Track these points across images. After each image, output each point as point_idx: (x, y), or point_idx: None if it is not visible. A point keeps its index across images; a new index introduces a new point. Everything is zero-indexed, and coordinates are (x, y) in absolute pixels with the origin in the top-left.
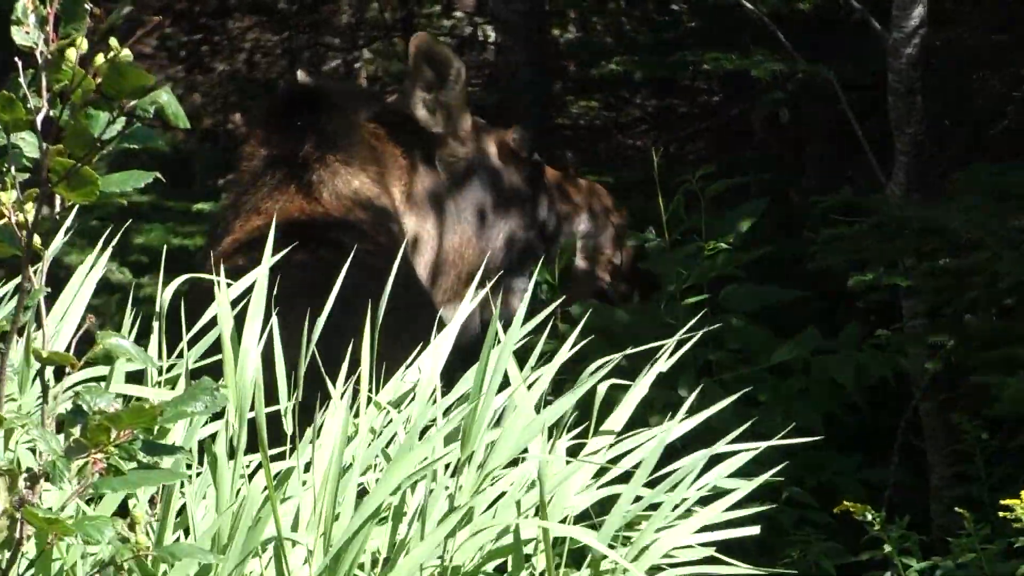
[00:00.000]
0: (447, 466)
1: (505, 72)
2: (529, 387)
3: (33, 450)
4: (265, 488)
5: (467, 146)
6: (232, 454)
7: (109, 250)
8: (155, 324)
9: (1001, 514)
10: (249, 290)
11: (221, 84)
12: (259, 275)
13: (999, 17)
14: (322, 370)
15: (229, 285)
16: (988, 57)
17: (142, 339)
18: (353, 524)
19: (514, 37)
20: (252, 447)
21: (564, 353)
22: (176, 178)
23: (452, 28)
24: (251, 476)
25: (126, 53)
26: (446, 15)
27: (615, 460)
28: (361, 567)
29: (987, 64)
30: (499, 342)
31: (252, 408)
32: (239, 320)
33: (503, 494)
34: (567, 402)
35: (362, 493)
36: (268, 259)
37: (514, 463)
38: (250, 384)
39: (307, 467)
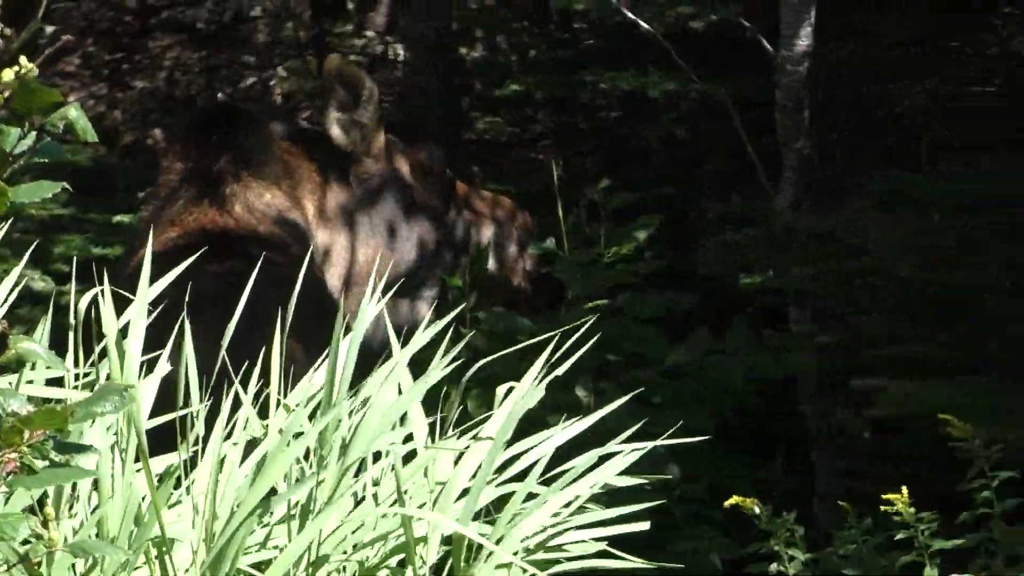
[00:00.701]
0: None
1: (414, 90)
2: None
3: None
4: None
5: (380, 163)
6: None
7: (25, 259)
8: (70, 332)
9: (883, 508)
10: (162, 297)
11: (141, 101)
12: (162, 285)
13: (884, 36)
14: (231, 375)
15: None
16: (875, 74)
17: (62, 345)
18: (232, 523)
19: (423, 56)
20: (168, 448)
21: (439, 362)
22: (97, 191)
23: (363, 47)
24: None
25: (34, 71)
26: (357, 35)
27: (512, 460)
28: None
29: (874, 81)
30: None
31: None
32: (152, 326)
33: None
34: (418, 390)
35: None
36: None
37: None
38: (138, 388)
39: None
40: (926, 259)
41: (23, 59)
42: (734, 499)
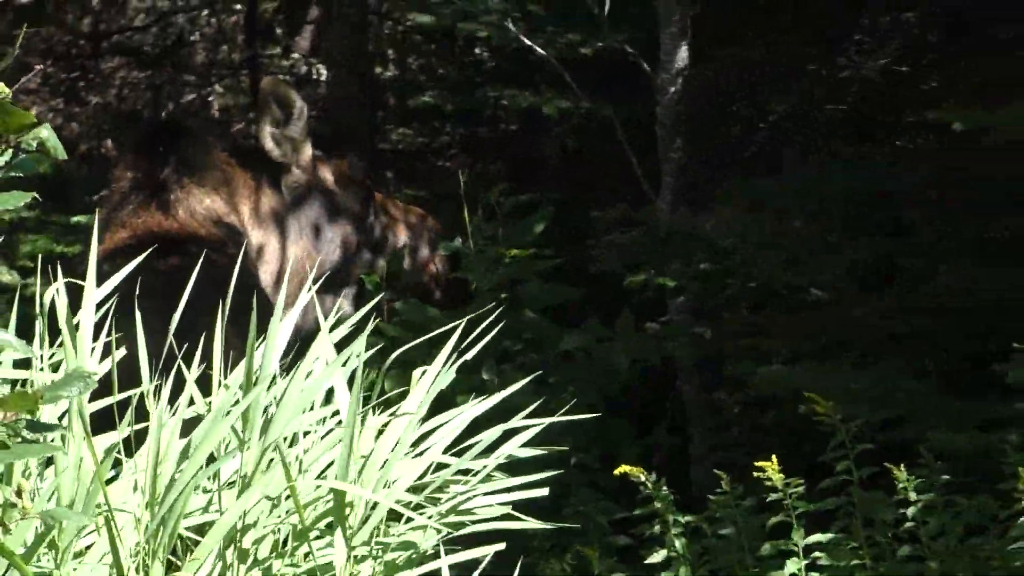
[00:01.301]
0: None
1: (335, 104)
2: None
3: None
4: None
5: (307, 173)
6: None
7: None
8: (36, 321)
9: (755, 475)
10: (114, 291)
11: (95, 115)
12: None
13: (751, 59)
14: (179, 360)
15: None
16: (742, 93)
17: (27, 332)
18: (173, 491)
19: (343, 74)
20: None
21: (359, 345)
22: (57, 196)
23: (290, 67)
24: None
25: (9, 94)
26: (285, 56)
27: (424, 436)
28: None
29: (741, 99)
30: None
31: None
32: (106, 317)
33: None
34: (336, 366)
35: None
36: (95, 266)
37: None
38: (92, 371)
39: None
40: (782, 259)
41: (1, 85)
42: (623, 468)
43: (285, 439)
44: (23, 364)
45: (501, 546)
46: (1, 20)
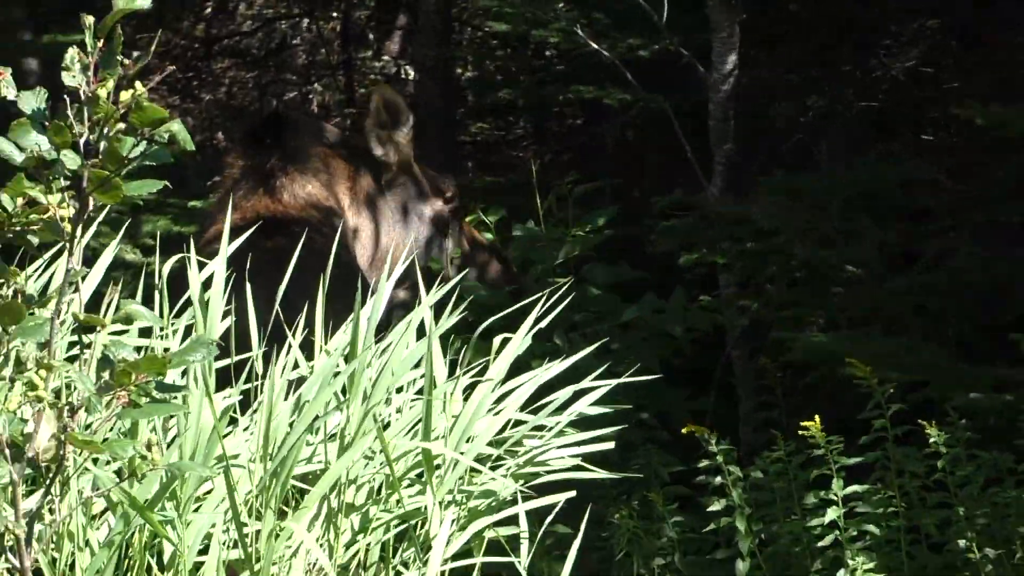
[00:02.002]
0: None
1: (421, 101)
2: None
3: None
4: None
5: (404, 171)
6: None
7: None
8: (156, 294)
9: (801, 433)
10: (228, 264)
11: (208, 110)
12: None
13: (792, 62)
14: (284, 326)
15: (206, 265)
16: (784, 91)
17: (148, 304)
18: (287, 443)
19: (428, 75)
20: (232, 384)
21: (446, 320)
22: (174, 181)
23: (381, 68)
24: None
25: (145, 93)
26: (376, 58)
27: (503, 396)
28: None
29: (784, 96)
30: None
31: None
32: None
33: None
34: (433, 338)
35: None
36: (227, 246)
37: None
38: (214, 339)
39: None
40: (817, 241)
41: (137, 84)
42: (689, 427)
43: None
44: (144, 332)
45: (572, 494)
46: (125, 27)
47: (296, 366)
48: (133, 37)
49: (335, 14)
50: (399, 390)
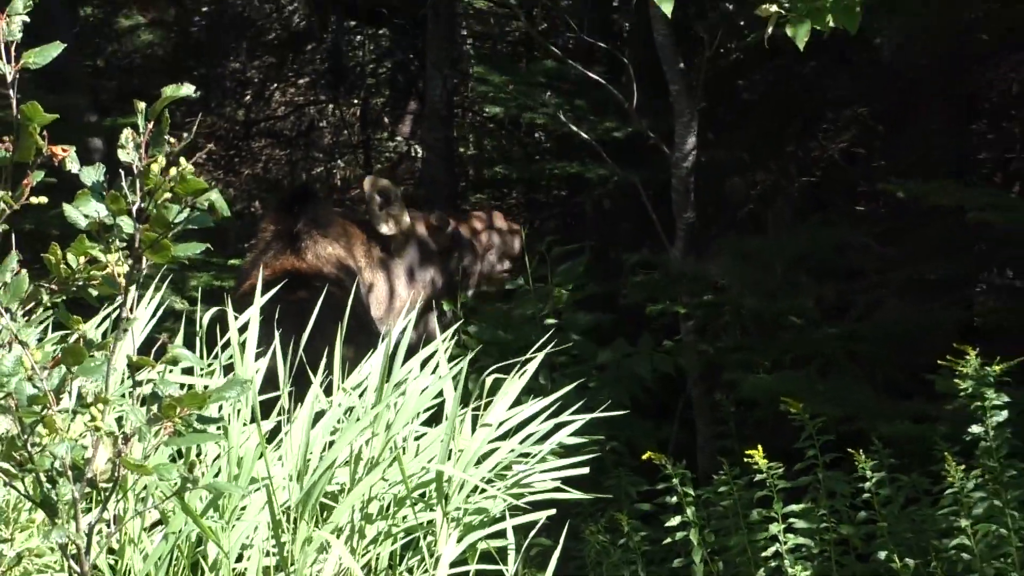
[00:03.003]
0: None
1: (428, 175)
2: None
3: (119, 420)
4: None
5: (406, 231)
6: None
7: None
8: (197, 338)
9: (746, 460)
10: (260, 313)
11: (246, 183)
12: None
13: (744, 143)
14: (307, 368)
15: (245, 313)
16: (737, 168)
17: (192, 346)
18: (319, 470)
19: (434, 153)
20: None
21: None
22: (216, 242)
23: (395, 147)
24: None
25: (190, 168)
26: (391, 139)
27: (500, 424)
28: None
29: (737, 172)
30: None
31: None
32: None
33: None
34: (439, 384)
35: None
36: (261, 298)
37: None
38: (250, 377)
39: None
40: (764, 295)
41: (182, 160)
42: (649, 454)
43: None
44: (188, 371)
45: (553, 511)
46: (176, 111)
47: (318, 400)
48: (183, 120)
49: (356, 101)
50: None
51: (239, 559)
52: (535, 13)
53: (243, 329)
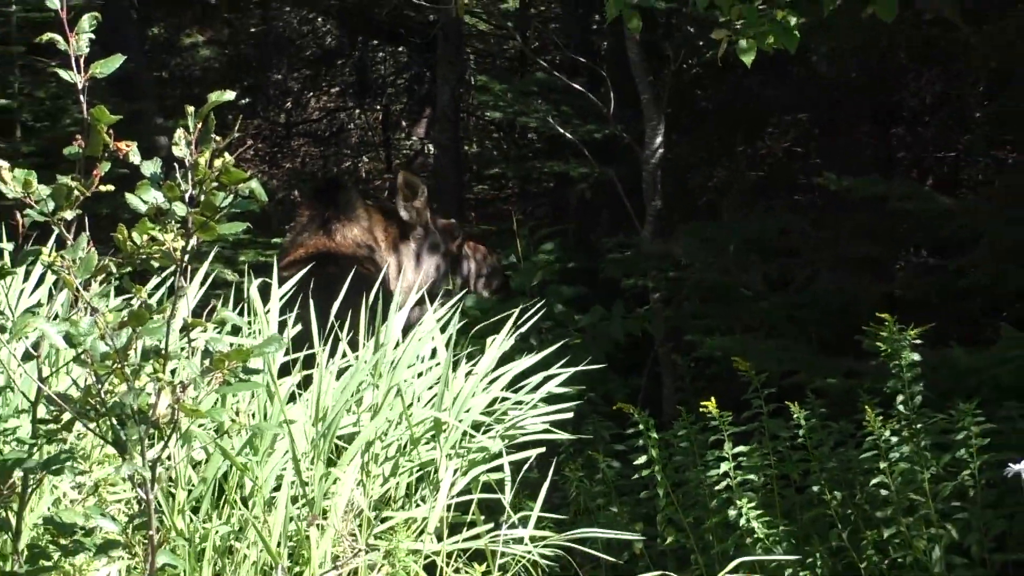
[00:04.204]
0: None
1: (439, 169)
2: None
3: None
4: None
5: (423, 222)
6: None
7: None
8: (244, 303)
9: (702, 409)
10: (295, 284)
11: (286, 175)
12: (294, 281)
13: (703, 143)
14: (337, 332)
15: (281, 285)
16: (697, 164)
17: (240, 312)
18: (330, 413)
19: (444, 151)
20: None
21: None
22: (262, 225)
23: (410, 146)
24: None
25: (231, 160)
26: (407, 139)
27: (494, 380)
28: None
29: (696, 168)
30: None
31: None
32: (289, 304)
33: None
34: (430, 334)
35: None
36: (293, 273)
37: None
38: (284, 339)
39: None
40: (720, 271)
41: (226, 154)
42: (619, 404)
43: (404, 380)
44: (234, 332)
45: (542, 450)
46: (226, 115)
47: (344, 356)
48: (234, 122)
49: (378, 107)
50: (419, 375)
51: (276, 489)
52: (528, 34)
53: (283, 296)
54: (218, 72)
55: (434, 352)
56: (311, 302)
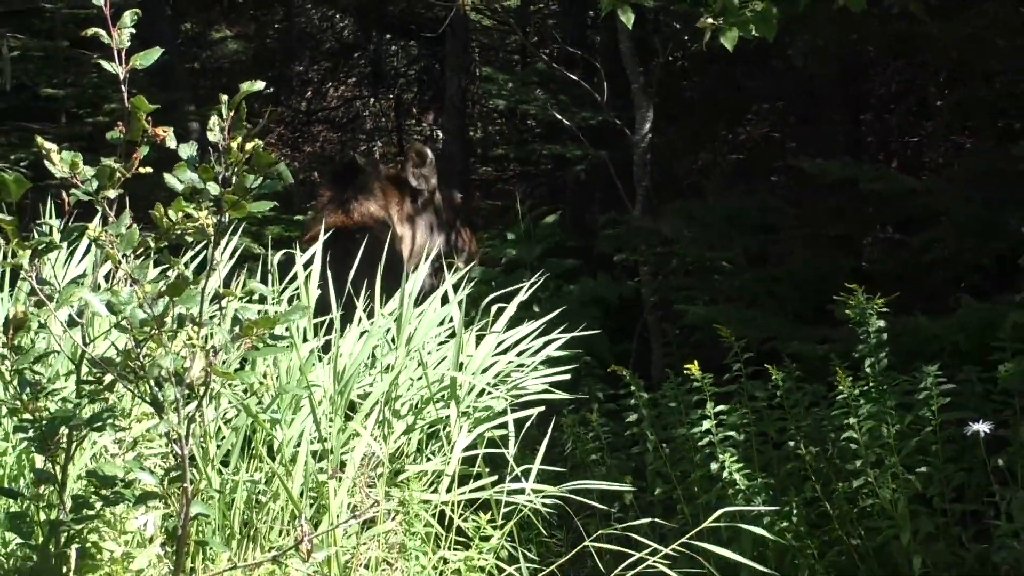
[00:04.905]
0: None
1: (447, 153)
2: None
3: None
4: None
5: (431, 195)
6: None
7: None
8: (270, 274)
9: (686, 372)
10: (315, 256)
11: (308, 158)
12: (317, 251)
13: (688, 129)
14: (354, 297)
15: (304, 257)
16: (683, 148)
17: (265, 281)
18: (349, 370)
19: (451, 136)
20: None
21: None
22: (286, 203)
23: (421, 131)
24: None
25: (261, 144)
26: (418, 125)
27: (500, 343)
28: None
29: (682, 152)
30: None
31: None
32: (313, 271)
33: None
34: (454, 305)
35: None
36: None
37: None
38: (312, 305)
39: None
40: (704, 246)
41: (256, 140)
42: (613, 367)
43: (422, 345)
44: (261, 300)
45: (542, 408)
46: (255, 102)
47: (360, 322)
48: (260, 109)
49: (391, 96)
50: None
51: (298, 444)
52: (528, 29)
53: (306, 266)
54: (245, 64)
55: (450, 318)
56: (329, 272)
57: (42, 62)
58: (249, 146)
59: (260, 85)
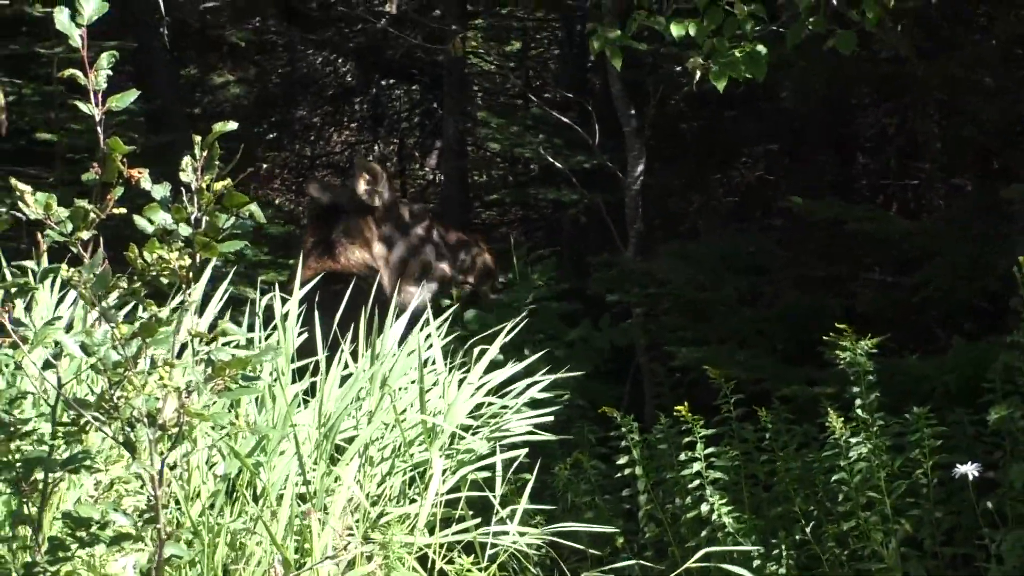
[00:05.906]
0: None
1: (446, 197)
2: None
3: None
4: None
5: (387, 205)
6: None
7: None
8: (256, 319)
9: (675, 415)
10: (304, 298)
11: (301, 204)
12: (299, 295)
13: (681, 170)
14: (340, 339)
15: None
16: (676, 190)
17: (252, 327)
18: (332, 418)
19: (451, 180)
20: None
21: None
22: (285, 247)
23: (424, 175)
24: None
25: (231, 184)
26: (420, 169)
27: (482, 386)
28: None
29: (676, 193)
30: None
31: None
32: (299, 316)
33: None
34: (435, 349)
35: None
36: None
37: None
38: (292, 348)
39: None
40: (696, 288)
41: (228, 180)
42: (604, 408)
43: (398, 389)
44: (248, 344)
45: (526, 450)
46: (255, 147)
47: (347, 366)
48: (263, 153)
49: (393, 140)
50: (413, 381)
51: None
52: (531, 73)
53: (288, 312)
54: (247, 108)
55: (433, 360)
56: (316, 316)
57: (39, 106)
58: (218, 186)
59: (233, 125)
